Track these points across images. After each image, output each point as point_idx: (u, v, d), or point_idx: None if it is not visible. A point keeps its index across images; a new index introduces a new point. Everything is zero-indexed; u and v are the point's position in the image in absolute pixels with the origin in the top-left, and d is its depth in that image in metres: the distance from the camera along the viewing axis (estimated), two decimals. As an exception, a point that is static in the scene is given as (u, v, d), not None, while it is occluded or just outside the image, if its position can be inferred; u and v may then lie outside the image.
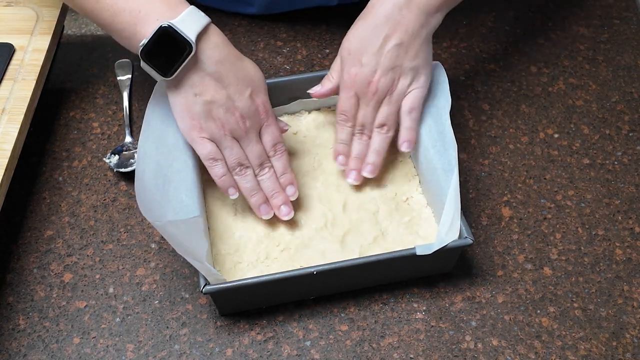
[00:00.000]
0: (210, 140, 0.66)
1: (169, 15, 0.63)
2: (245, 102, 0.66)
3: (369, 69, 0.69)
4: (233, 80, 0.65)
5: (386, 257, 0.63)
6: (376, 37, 0.69)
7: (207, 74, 0.64)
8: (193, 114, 0.65)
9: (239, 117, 0.66)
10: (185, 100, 0.65)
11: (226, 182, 0.67)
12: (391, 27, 0.69)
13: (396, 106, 0.70)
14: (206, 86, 0.64)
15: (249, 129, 0.67)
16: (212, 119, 0.65)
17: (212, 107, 0.65)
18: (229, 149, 0.66)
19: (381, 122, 0.70)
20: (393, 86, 0.70)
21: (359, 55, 0.69)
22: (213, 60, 0.64)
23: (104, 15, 0.65)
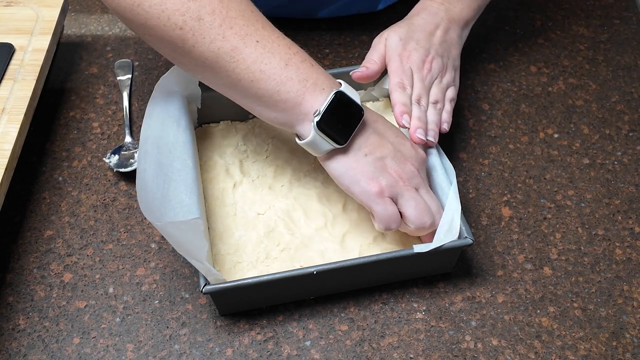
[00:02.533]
0: (391, 199, 0.63)
1: (334, 85, 0.63)
2: (411, 150, 0.65)
3: (424, 50, 0.73)
4: (392, 133, 0.65)
5: (386, 257, 0.63)
6: (424, 29, 0.75)
7: (370, 133, 0.63)
8: (369, 175, 0.62)
9: (411, 166, 0.64)
10: (357, 163, 0.62)
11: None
12: (434, 27, 0.75)
13: (443, 92, 0.74)
14: (373, 144, 0.63)
15: (424, 179, 0.65)
16: (389, 174, 0.63)
17: (385, 162, 0.63)
18: (412, 201, 0.63)
19: (435, 99, 0.73)
20: (442, 73, 0.74)
21: (412, 39, 0.74)
22: (372, 120, 0.64)
23: (267, 85, 0.61)
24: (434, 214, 0.64)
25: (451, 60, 0.76)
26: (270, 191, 0.72)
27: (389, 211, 0.62)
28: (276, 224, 0.69)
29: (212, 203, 0.71)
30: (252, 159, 0.75)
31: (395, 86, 0.71)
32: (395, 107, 0.69)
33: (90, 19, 0.95)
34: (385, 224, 0.63)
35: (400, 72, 0.72)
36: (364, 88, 0.79)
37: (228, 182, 0.73)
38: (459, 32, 0.78)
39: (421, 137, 0.68)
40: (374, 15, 0.93)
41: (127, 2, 0.61)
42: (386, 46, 0.74)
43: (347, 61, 0.89)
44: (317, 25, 0.92)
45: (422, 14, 0.76)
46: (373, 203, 0.62)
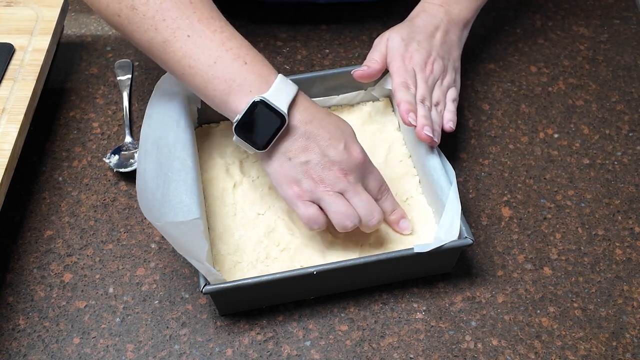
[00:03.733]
0: (311, 202, 0.63)
1: (261, 87, 0.62)
2: (341, 154, 0.63)
3: (425, 51, 0.74)
4: (325, 136, 0.63)
5: (386, 257, 0.63)
6: (425, 31, 0.75)
7: (298, 137, 0.63)
8: (290, 178, 0.63)
9: (337, 171, 0.63)
10: (280, 166, 0.63)
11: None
12: (435, 28, 0.76)
13: (444, 94, 0.74)
14: (298, 148, 0.63)
15: (353, 182, 0.64)
16: (310, 178, 0.63)
17: (308, 167, 0.63)
18: (332, 206, 0.63)
19: (437, 101, 0.73)
20: (443, 75, 0.74)
21: (414, 40, 0.74)
22: (303, 122, 0.63)
23: (196, 80, 0.63)
24: (362, 216, 0.64)
25: (452, 61, 0.76)
26: (270, 191, 0.72)
27: (308, 213, 0.63)
28: (276, 224, 0.69)
29: (212, 203, 0.71)
30: (252, 159, 0.75)
31: (400, 85, 0.71)
32: (400, 105, 0.69)
33: (90, 19, 0.95)
34: (307, 225, 0.64)
35: (404, 72, 0.72)
36: (364, 88, 0.79)
37: (228, 182, 0.73)
38: (459, 34, 0.78)
39: (429, 134, 0.68)
40: (373, 12, 0.93)
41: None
42: (388, 46, 0.74)
43: (347, 61, 0.89)
44: (318, 25, 0.92)
45: (422, 16, 0.76)
46: (294, 206, 0.64)
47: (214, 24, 0.63)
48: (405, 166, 0.74)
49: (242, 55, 0.63)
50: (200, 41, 0.62)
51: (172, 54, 0.63)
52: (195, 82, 0.63)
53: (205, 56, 0.62)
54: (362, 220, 0.64)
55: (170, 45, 0.63)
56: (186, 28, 0.62)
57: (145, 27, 0.63)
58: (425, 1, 0.78)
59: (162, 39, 0.63)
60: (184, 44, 0.62)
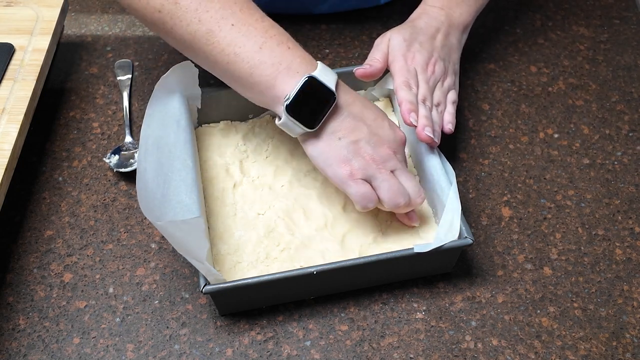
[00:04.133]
0: (364, 180, 0.64)
1: (308, 68, 0.63)
2: (389, 133, 0.65)
3: (427, 52, 0.74)
4: (370, 116, 0.65)
5: (386, 257, 0.63)
6: (426, 32, 0.75)
7: (345, 117, 0.64)
8: (341, 158, 0.63)
9: (387, 149, 0.64)
10: (329, 147, 0.63)
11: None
12: (436, 31, 0.76)
13: (444, 95, 0.74)
14: (347, 128, 0.63)
15: (401, 161, 0.65)
16: (362, 157, 0.63)
17: (359, 145, 0.63)
18: (385, 183, 0.64)
19: (437, 102, 0.73)
20: (443, 76, 0.74)
21: (416, 41, 0.74)
22: (347, 103, 0.64)
23: (242, 67, 0.63)
24: (411, 194, 0.65)
25: (452, 64, 0.76)
26: (270, 191, 0.72)
27: (362, 191, 0.63)
28: (276, 224, 0.69)
29: (212, 203, 0.71)
30: (252, 159, 0.75)
31: (401, 85, 0.71)
32: (402, 105, 0.70)
33: (90, 19, 0.95)
34: (361, 204, 0.64)
35: (406, 71, 0.72)
36: (364, 88, 0.79)
37: (228, 182, 0.73)
38: (459, 37, 0.78)
39: (429, 135, 0.68)
40: (373, 13, 0.93)
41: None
42: (390, 46, 0.74)
43: (347, 61, 0.89)
44: (317, 25, 0.92)
45: (423, 18, 0.77)
46: (345, 185, 0.64)
47: (255, 13, 0.65)
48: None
49: (285, 42, 0.64)
50: (245, 29, 0.63)
51: (217, 43, 0.63)
52: (240, 70, 0.64)
53: (251, 43, 0.63)
54: (411, 197, 0.65)
55: (214, 35, 0.63)
56: (230, 17, 0.63)
57: (188, 20, 0.63)
58: (426, 3, 0.79)
59: (206, 30, 0.63)
60: (229, 32, 0.63)
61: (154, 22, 0.66)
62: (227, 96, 0.76)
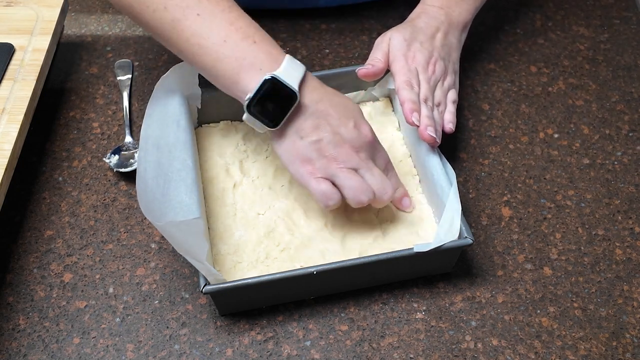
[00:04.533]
0: (325, 178, 0.64)
1: (272, 66, 0.63)
2: (352, 132, 0.64)
3: (427, 51, 0.74)
4: (334, 115, 0.64)
5: (386, 257, 0.63)
6: (426, 32, 0.75)
7: (309, 115, 0.63)
8: (303, 157, 0.64)
9: (349, 148, 0.64)
10: (292, 145, 0.64)
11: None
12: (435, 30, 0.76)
13: (445, 95, 0.74)
14: (310, 127, 0.63)
15: (364, 159, 0.65)
16: (323, 156, 0.63)
17: (320, 145, 0.63)
18: (346, 181, 0.64)
19: (438, 102, 0.73)
20: (444, 76, 0.74)
21: (416, 41, 0.74)
22: (313, 101, 0.64)
23: (206, 59, 0.63)
24: (376, 190, 0.65)
25: (452, 63, 0.76)
26: (270, 191, 0.72)
27: (322, 189, 0.63)
28: (276, 224, 0.69)
29: (212, 203, 0.71)
30: (252, 159, 0.75)
31: (403, 84, 0.71)
32: (404, 104, 0.70)
33: (90, 19, 0.95)
34: (322, 202, 0.64)
35: (407, 71, 0.72)
36: (364, 88, 0.79)
37: (228, 182, 0.73)
38: (458, 36, 0.78)
39: (432, 135, 0.68)
40: (373, 13, 0.93)
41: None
42: (390, 46, 0.74)
43: (347, 61, 0.89)
44: (318, 25, 0.92)
45: (422, 17, 0.77)
46: (306, 183, 0.64)
47: (222, 3, 0.64)
48: (405, 166, 0.74)
49: (251, 35, 0.64)
50: (210, 19, 0.63)
51: (182, 32, 0.63)
52: (205, 62, 0.64)
53: (215, 35, 0.63)
54: (376, 194, 0.65)
55: (179, 23, 0.63)
56: (195, 7, 0.63)
57: (154, 6, 0.63)
58: (425, 3, 0.79)
59: (171, 18, 0.63)
60: (193, 22, 0.63)
61: (123, 6, 0.66)
62: (227, 96, 0.75)
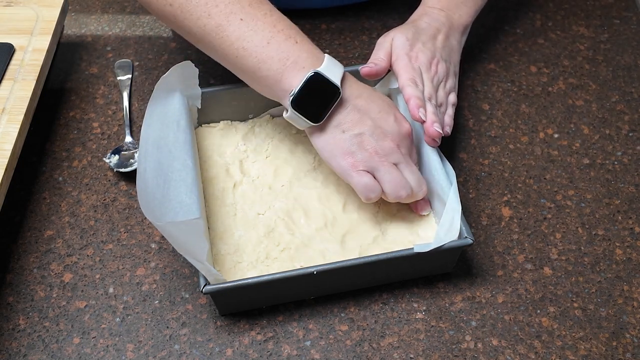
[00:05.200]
0: (366, 171, 0.65)
1: (314, 63, 0.64)
2: (393, 126, 0.66)
3: (430, 52, 0.74)
4: (375, 109, 0.66)
5: (386, 257, 0.63)
6: (428, 32, 0.75)
7: (350, 110, 0.65)
8: (345, 151, 0.65)
9: (390, 142, 0.65)
10: (333, 139, 0.65)
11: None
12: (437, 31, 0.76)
13: (447, 96, 0.75)
14: (352, 121, 0.65)
15: (404, 154, 0.66)
16: (365, 149, 0.64)
17: (362, 138, 0.64)
18: (387, 175, 0.65)
19: (440, 102, 0.74)
20: (445, 77, 0.75)
21: (419, 41, 0.74)
22: (353, 96, 0.65)
23: (250, 61, 0.65)
24: (413, 187, 0.66)
25: (452, 65, 0.77)
26: (270, 191, 0.72)
27: (364, 182, 0.65)
28: (276, 224, 0.69)
29: (212, 203, 0.71)
30: (252, 159, 0.75)
31: (408, 81, 0.71)
32: (410, 101, 0.70)
33: (90, 19, 0.95)
34: (364, 195, 0.65)
35: (411, 69, 0.72)
36: None
37: (228, 182, 0.73)
38: (459, 39, 0.79)
39: (439, 130, 0.69)
40: (373, 13, 0.93)
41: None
42: (393, 45, 0.74)
43: (347, 61, 0.89)
44: (318, 25, 0.92)
45: (424, 18, 0.77)
46: (348, 176, 0.65)
47: (263, 7, 0.66)
48: (405, 166, 0.74)
49: (293, 36, 0.65)
50: (253, 23, 0.64)
51: (226, 37, 0.65)
52: (248, 64, 0.65)
53: (259, 37, 0.64)
54: (414, 190, 0.66)
55: (223, 29, 0.65)
56: (238, 12, 0.65)
57: (198, 14, 0.65)
58: (426, 5, 0.79)
59: (215, 24, 0.65)
60: (237, 27, 0.64)
61: (166, 15, 0.67)
62: (227, 96, 0.76)
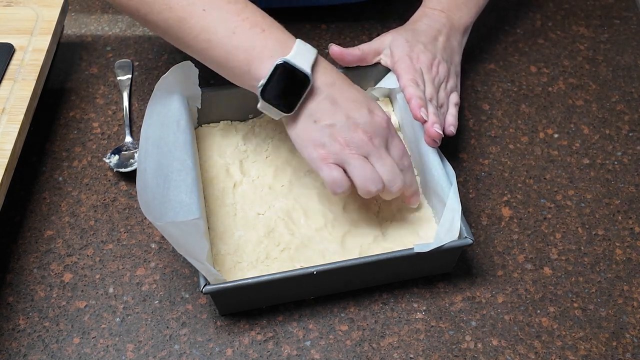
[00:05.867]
0: (336, 164, 0.63)
1: (282, 51, 0.62)
2: (366, 117, 0.63)
3: (431, 53, 0.74)
4: (349, 98, 0.64)
5: (386, 257, 0.63)
6: (428, 34, 0.75)
7: (322, 99, 0.63)
8: (315, 141, 0.63)
9: (362, 134, 0.63)
10: (305, 129, 0.63)
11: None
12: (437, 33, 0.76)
13: (448, 97, 0.74)
14: (324, 111, 0.63)
15: (377, 146, 0.63)
16: (336, 141, 0.62)
17: (333, 129, 0.62)
18: (356, 169, 0.62)
19: (441, 103, 0.73)
20: (446, 78, 0.74)
21: (419, 42, 0.74)
22: (326, 85, 0.63)
23: (216, 53, 0.63)
24: (385, 181, 0.63)
25: (453, 66, 0.77)
26: (270, 191, 0.72)
27: (333, 175, 0.62)
28: (276, 224, 0.69)
29: (212, 203, 0.71)
30: (252, 159, 0.75)
31: (409, 81, 0.71)
32: (411, 100, 0.69)
33: (90, 19, 0.95)
34: (331, 188, 0.63)
35: (412, 70, 0.72)
36: (364, 88, 0.79)
37: (228, 182, 0.73)
38: (459, 40, 0.79)
39: (439, 131, 0.68)
40: (373, 13, 0.93)
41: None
42: (392, 47, 0.74)
43: (347, 61, 0.89)
44: (318, 25, 0.92)
45: (424, 20, 0.77)
46: (318, 168, 0.63)
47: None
48: (405, 166, 0.74)
49: (259, 23, 0.63)
50: (216, 13, 0.63)
51: (189, 30, 0.63)
52: (215, 56, 0.64)
53: (223, 28, 0.63)
54: (385, 185, 0.64)
55: (186, 22, 0.63)
56: (199, 2, 0.63)
57: (158, 8, 0.63)
58: (426, 6, 0.79)
59: (177, 17, 0.63)
60: (200, 18, 0.63)
61: (129, 9, 0.67)
62: (227, 96, 0.76)
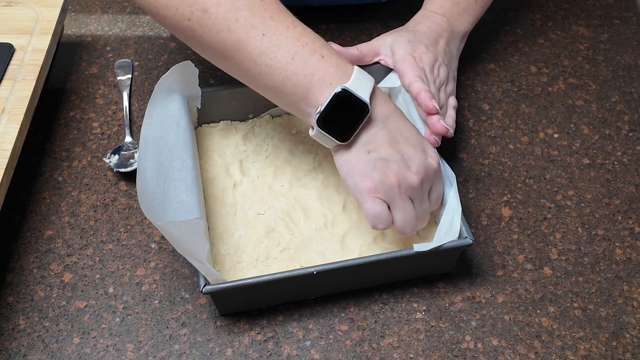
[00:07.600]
0: (382, 200, 0.61)
1: (342, 79, 0.60)
2: (420, 157, 0.62)
3: (432, 55, 0.74)
4: (404, 134, 0.62)
5: (386, 257, 0.63)
6: (429, 36, 0.75)
7: (378, 130, 0.61)
8: (365, 172, 0.61)
9: (414, 175, 0.61)
10: (357, 158, 0.61)
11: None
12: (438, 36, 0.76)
13: (446, 99, 0.74)
14: (378, 142, 0.61)
15: (424, 190, 0.63)
16: (387, 177, 0.61)
17: (386, 164, 0.61)
18: (401, 210, 0.62)
19: (441, 105, 0.73)
20: (446, 81, 0.75)
21: (421, 43, 0.74)
22: (383, 116, 0.62)
23: (274, 78, 0.61)
24: (421, 224, 0.65)
25: (452, 71, 0.77)
26: (270, 191, 0.72)
27: (377, 210, 0.61)
28: (276, 224, 0.69)
29: (212, 203, 0.71)
30: (252, 159, 0.75)
31: (416, 77, 0.71)
32: (420, 93, 0.69)
33: (90, 19, 0.95)
34: (372, 223, 0.62)
35: (417, 68, 0.72)
36: None
37: (228, 182, 0.73)
38: (458, 45, 0.79)
39: (445, 126, 0.68)
40: (373, 12, 0.93)
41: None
42: (395, 47, 0.74)
43: (347, 61, 0.89)
44: (318, 25, 0.92)
45: (425, 22, 0.77)
46: (362, 200, 0.62)
47: (286, 20, 0.62)
48: (405, 166, 0.75)
49: (318, 49, 0.61)
50: (276, 38, 0.61)
51: (247, 53, 0.61)
52: (272, 81, 0.62)
53: (283, 53, 0.61)
54: (417, 228, 0.64)
55: (244, 45, 0.61)
56: (260, 26, 0.61)
57: (217, 29, 0.61)
58: (427, 9, 0.79)
59: (235, 39, 0.61)
60: (260, 42, 0.61)
61: (183, 30, 0.63)
62: (227, 96, 0.76)
